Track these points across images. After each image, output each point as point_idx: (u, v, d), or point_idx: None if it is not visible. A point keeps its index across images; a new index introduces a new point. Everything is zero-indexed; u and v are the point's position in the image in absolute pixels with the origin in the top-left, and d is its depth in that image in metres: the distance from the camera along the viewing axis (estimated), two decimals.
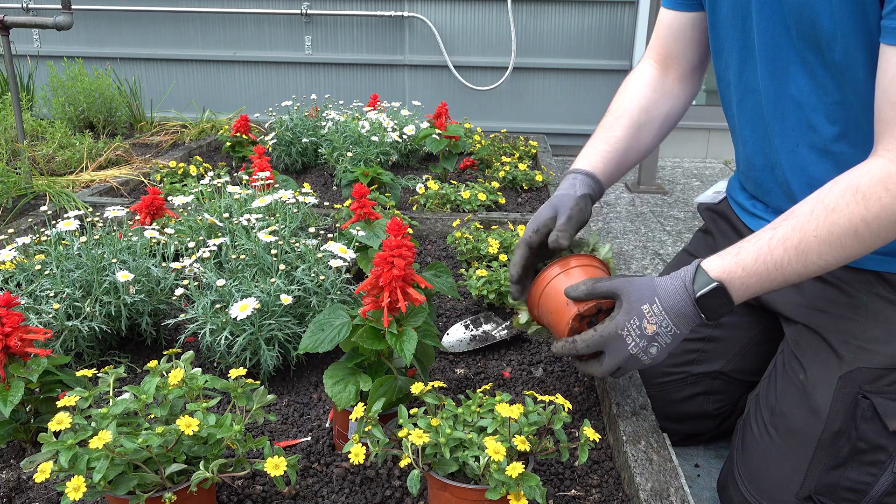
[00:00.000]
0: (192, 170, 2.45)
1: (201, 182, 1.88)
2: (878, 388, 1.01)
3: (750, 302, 1.14)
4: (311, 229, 1.52)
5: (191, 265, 1.31)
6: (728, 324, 1.30)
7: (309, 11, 3.59)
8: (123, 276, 1.27)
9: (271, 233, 1.37)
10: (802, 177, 1.11)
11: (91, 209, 2.09)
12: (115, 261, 1.32)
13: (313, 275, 1.29)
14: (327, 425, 1.14)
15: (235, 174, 2.29)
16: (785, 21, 1.02)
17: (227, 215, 1.58)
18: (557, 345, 1.04)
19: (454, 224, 1.95)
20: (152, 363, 0.92)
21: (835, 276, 1.10)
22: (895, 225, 0.89)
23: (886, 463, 1.01)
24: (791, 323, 1.17)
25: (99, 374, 0.92)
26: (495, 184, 2.39)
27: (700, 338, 1.31)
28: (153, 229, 1.45)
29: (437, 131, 2.47)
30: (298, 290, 1.25)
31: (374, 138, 2.43)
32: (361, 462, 0.85)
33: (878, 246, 0.92)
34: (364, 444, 0.86)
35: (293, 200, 1.60)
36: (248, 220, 1.47)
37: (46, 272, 1.29)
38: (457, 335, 1.40)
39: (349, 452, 0.84)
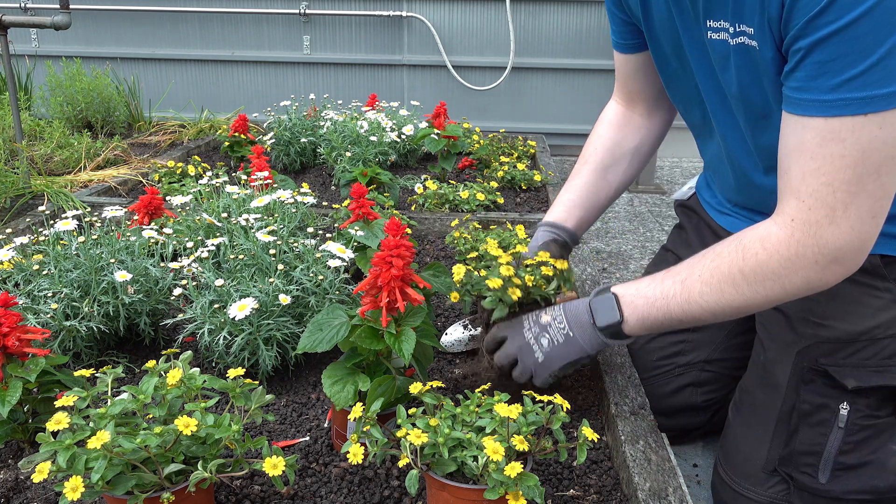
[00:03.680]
0: (191, 169, 2.44)
1: (200, 182, 1.88)
2: (835, 360, 1.05)
3: None
4: (310, 229, 1.52)
5: (189, 265, 1.31)
6: None
7: (307, 11, 3.59)
8: (122, 276, 1.27)
9: (270, 233, 1.37)
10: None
11: (89, 209, 2.09)
12: (113, 261, 1.32)
13: (312, 275, 1.29)
14: (326, 425, 1.14)
15: (234, 174, 2.29)
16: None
17: (225, 215, 1.58)
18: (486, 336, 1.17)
19: (453, 224, 1.95)
20: (151, 363, 0.92)
21: None
22: (773, 284, 0.91)
23: (832, 420, 1.06)
24: None
25: (97, 374, 0.92)
26: (494, 184, 2.39)
27: (685, 328, 1.33)
28: (151, 229, 1.45)
29: (436, 131, 2.47)
30: (297, 289, 1.25)
31: (373, 138, 2.43)
32: (360, 462, 0.85)
33: (760, 301, 0.94)
34: (363, 444, 0.85)
35: (292, 200, 1.60)
36: (247, 219, 1.47)
37: (44, 272, 1.29)
38: (455, 335, 1.40)
39: (348, 452, 0.84)
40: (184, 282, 1.31)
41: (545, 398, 0.92)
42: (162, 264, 1.37)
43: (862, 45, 0.77)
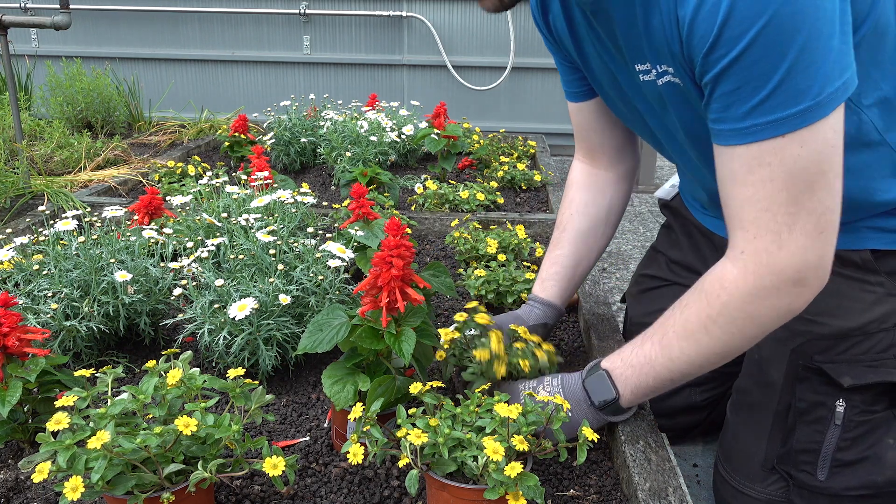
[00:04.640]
0: (191, 169, 2.44)
1: (199, 182, 1.88)
2: (829, 357, 1.05)
3: None
4: (310, 229, 1.52)
5: (189, 265, 1.31)
6: None
7: (307, 11, 3.59)
8: (122, 276, 1.27)
9: (270, 233, 1.37)
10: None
11: (89, 209, 2.09)
12: (113, 261, 1.32)
13: (312, 275, 1.29)
14: (326, 425, 1.14)
15: (234, 174, 2.29)
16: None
17: (225, 215, 1.58)
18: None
19: (453, 224, 1.95)
20: (151, 363, 0.92)
21: None
22: (743, 321, 0.89)
23: (829, 418, 1.06)
24: None
25: (97, 374, 0.92)
26: (494, 184, 2.39)
27: None
28: (151, 229, 1.45)
29: (436, 131, 2.47)
30: (297, 289, 1.25)
31: (373, 138, 2.43)
32: (360, 462, 0.85)
33: (738, 342, 0.92)
34: (363, 444, 0.85)
35: (292, 200, 1.60)
36: (247, 219, 1.47)
37: (44, 272, 1.29)
38: None
39: (348, 452, 0.84)
40: (184, 282, 1.32)
41: (545, 398, 0.92)
42: (162, 264, 1.37)
43: (759, 72, 0.77)
